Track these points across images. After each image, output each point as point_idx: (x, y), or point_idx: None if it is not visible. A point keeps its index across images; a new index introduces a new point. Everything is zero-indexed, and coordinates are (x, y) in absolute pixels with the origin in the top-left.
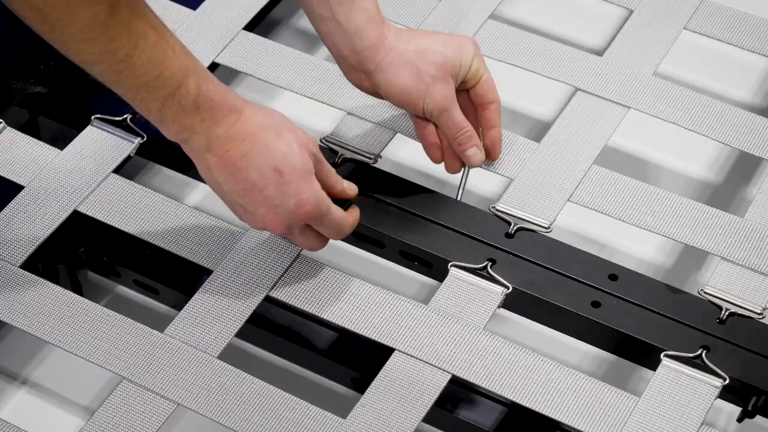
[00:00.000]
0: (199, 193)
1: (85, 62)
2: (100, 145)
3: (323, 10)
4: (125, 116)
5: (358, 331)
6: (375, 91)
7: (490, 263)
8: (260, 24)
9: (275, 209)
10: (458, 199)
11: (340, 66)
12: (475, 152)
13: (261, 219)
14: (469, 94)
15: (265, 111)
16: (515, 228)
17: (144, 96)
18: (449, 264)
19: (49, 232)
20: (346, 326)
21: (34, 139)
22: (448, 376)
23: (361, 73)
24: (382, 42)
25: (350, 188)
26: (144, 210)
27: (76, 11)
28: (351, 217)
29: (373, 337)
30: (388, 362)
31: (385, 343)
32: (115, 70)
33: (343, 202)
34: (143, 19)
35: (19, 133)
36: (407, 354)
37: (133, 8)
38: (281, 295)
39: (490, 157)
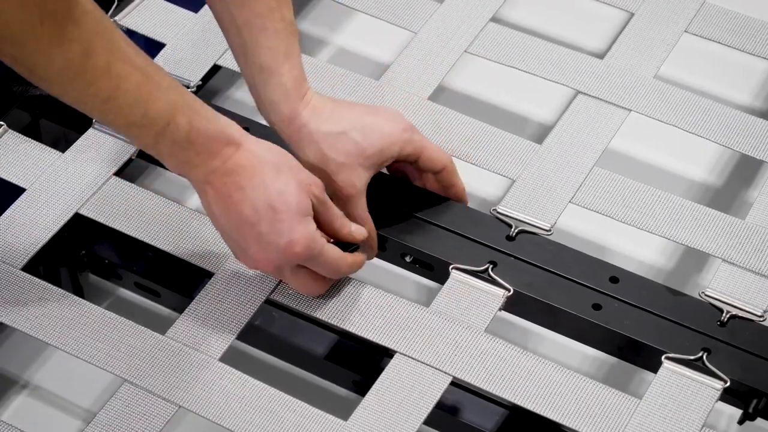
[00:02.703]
0: None
1: (71, 103)
2: (101, 147)
3: (247, 76)
4: None
5: (359, 334)
6: None
7: (491, 266)
8: None
9: (266, 247)
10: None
11: None
12: (365, 250)
13: (252, 257)
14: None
15: (268, 146)
16: (516, 230)
17: (136, 133)
18: (450, 266)
19: (51, 234)
20: (347, 329)
21: (35, 141)
22: (449, 379)
23: None
24: (293, 119)
25: (358, 232)
26: (145, 213)
27: (49, 58)
28: (351, 257)
29: (374, 340)
30: (389, 365)
31: (386, 345)
32: (101, 110)
33: (350, 246)
34: (123, 60)
35: (21, 136)
36: (408, 356)
37: (112, 50)
38: (282, 297)
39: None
